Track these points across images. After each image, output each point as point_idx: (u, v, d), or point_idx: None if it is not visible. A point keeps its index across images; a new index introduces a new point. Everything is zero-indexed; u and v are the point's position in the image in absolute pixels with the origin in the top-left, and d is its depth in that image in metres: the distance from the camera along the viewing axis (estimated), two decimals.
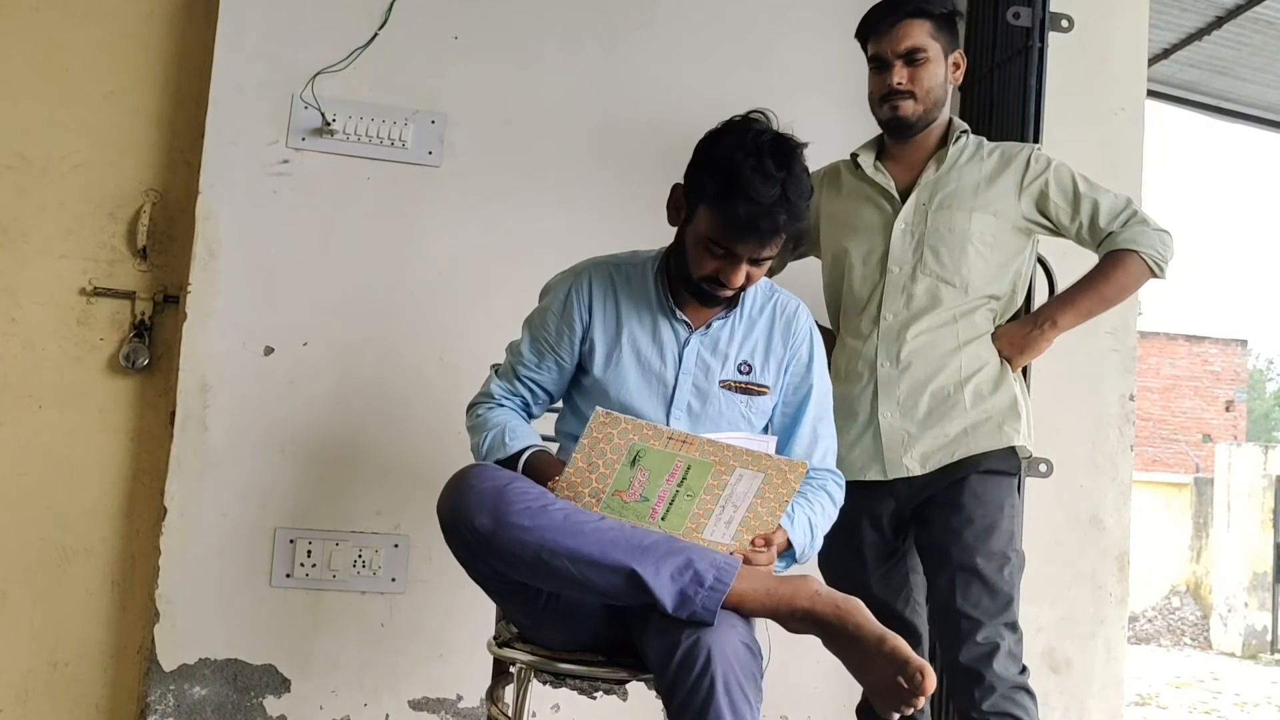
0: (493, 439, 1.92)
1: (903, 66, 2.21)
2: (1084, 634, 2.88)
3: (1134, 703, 7.79)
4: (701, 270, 1.88)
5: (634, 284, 2.01)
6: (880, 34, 2.23)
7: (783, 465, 1.71)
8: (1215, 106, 5.29)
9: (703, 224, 1.85)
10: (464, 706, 2.67)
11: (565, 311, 1.99)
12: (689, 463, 1.69)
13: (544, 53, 2.82)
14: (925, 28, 2.21)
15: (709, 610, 1.62)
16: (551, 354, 2.00)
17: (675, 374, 1.97)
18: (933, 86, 2.23)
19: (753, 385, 2.00)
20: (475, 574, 1.78)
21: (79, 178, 2.70)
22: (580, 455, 1.69)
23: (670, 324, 1.99)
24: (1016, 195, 2.24)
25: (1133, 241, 2.17)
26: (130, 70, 2.74)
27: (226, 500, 2.60)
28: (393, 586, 2.66)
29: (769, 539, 1.80)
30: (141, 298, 2.70)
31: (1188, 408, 18.52)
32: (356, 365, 2.67)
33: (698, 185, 1.86)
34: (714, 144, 1.86)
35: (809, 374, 2.05)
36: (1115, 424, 2.96)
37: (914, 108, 2.22)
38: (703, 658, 1.58)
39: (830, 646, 1.68)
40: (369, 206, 2.71)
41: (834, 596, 1.67)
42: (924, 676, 1.56)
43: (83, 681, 2.65)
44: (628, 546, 1.63)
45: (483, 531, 1.64)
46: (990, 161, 2.28)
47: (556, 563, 1.63)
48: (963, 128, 2.30)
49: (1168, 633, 12.84)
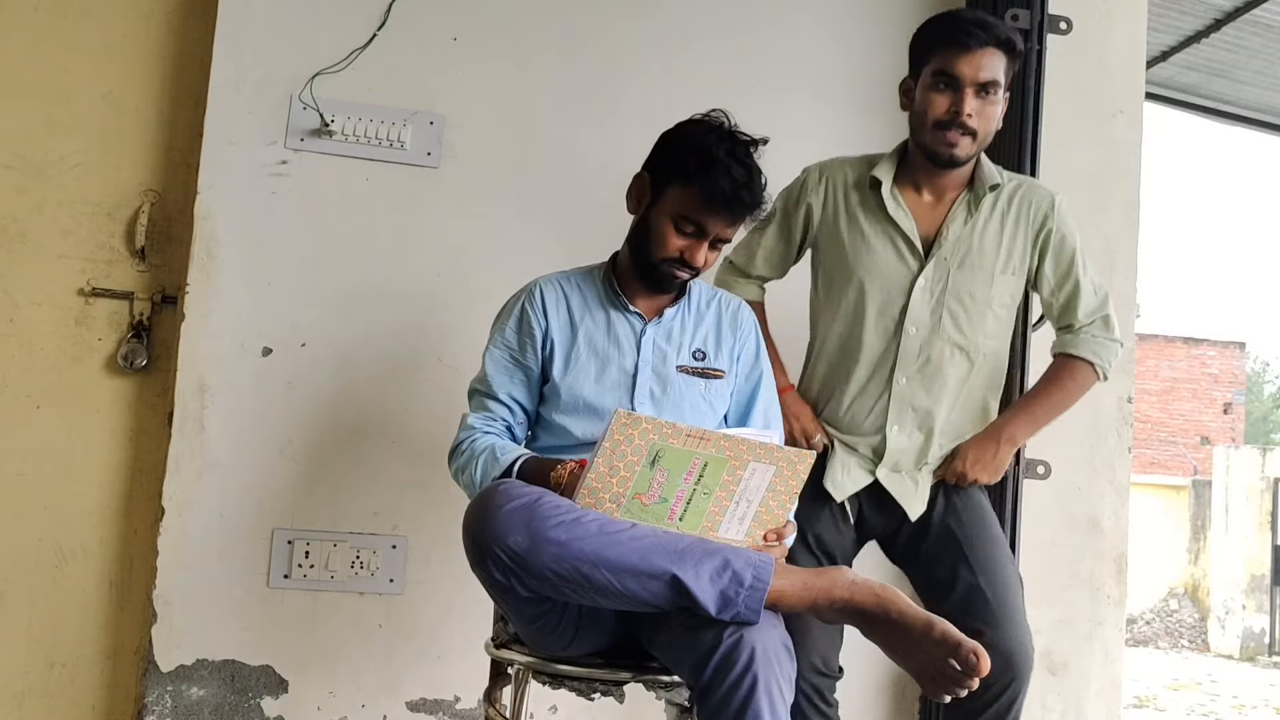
0: (485, 462, 1.90)
1: (974, 97, 2.04)
2: (1082, 636, 2.88)
3: (1132, 705, 7.80)
4: (666, 251, 1.96)
5: (583, 288, 2.09)
6: (959, 52, 2.03)
7: (793, 457, 1.71)
8: (1213, 109, 5.30)
9: (675, 202, 1.95)
10: (461, 708, 2.67)
11: (523, 323, 2.05)
12: (706, 459, 1.67)
13: (543, 54, 2.82)
14: (1004, 63, 2.05)
15: (753, 610, 1.60)
16: (518, 367, 2.04)
17: (635, 362, 2.01)
18: (991, 130, 2.10)
19: (709, 370, 2.06)
20: (511, 597, 1.71)
21: (77, 177, 2.69)
22: (602, 459, 1.65)
23: (624, 316, 2.05)
24: (1032, 250, 2.18)
25: (1094, 354, 2.17)
26: (129, 70, 2.74)
27: (224, 501, 2.60)
28: (390, 588, 2.66)
29: (780, 533, 1.80)
30: (140, 298, 2.70)
31: (1186, 410, 18.54)
32: (355, 366, 2.67)
33: (670, 165, 1.96)
34: (682, 132, 1.99)
35: (758, 362, 2.14)
36: (1113, 426, 2.96)
37: (971, 147, 2.09)
38: (744, 657, 1.57)
39: (871, 634, 1.67)
40: (367, 207, 2.70)
41: (870, 584, 1.66)
42: (979, 658, 1.55)
43: (80, 682, 2.65)
44: (665, 552, 1.61)
45: (519, 550, 1.60)
46: (1013, 211, 2.17)
47: (598, 575, 1.60)
48: (995, 179, 2.17)
49: (1165, 635, 12.86)
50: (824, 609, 1.67)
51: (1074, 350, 2.16)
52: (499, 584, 1.65)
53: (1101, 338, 2.16)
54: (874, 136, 2.97)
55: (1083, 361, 2.15)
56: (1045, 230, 2.17)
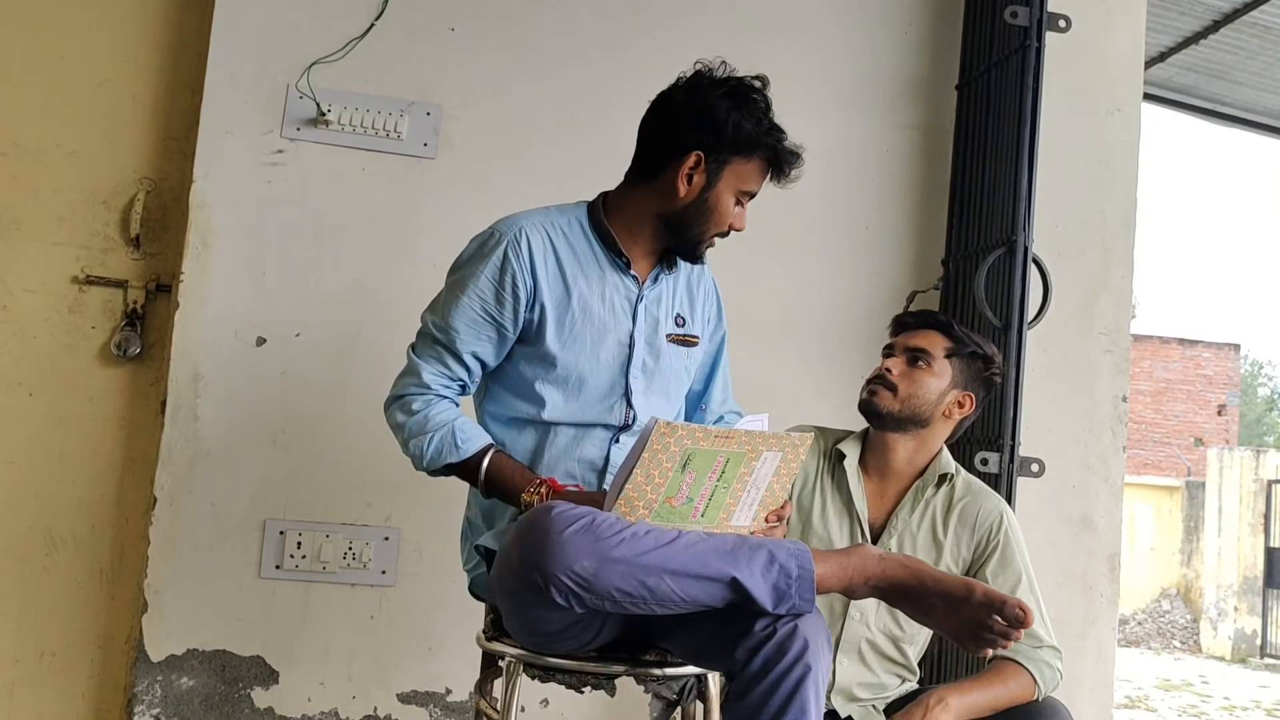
0: (441, 441, 1.84)
1: (901, 360, 2.16)
2: (1074, 634, 2.88)
3: (1123, 705, 7.81)
4: (722, 225, 1.92)
5: (569, 237, 1.94)
6: (900, 328, 2.23)
7: (796, 441, 1.73)
8: (1211, 110, 5.30)
9: (736, 178, 1.89)
10: (453, 700, 2.67)
11: (504, 275, 1.87)
12: (728, 456, 1.68)
13: (540, 45, 2.81)
14: (943, 345, 2.16)
15: (806, 600, 1.61)
16: (490, 322, 1.88)
17: (630, 332, 1.94)
18: (919, 394, 2.12)
19: (689, 337, 2.02)
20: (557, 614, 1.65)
21: (73, 165, 2.69)
22: (640, 470, 1.64)
23: (621, 279, 1.94)
24: (969, 561, 2.15)
25: (1039, 675, 2.02)
26: (125, 58, 2.74)
27: (217, 491, 2.59)
28: (383, 579, 2.65)
29: (780, 513, 1.81)
30: (134, 286, 2.69)
31: (1180, 411, 18.57)
32: (349, 357, 2.67)
33: (724, 142, 1.86)
34: (711, 102, 1.87)
35: (720, 321, 2.13)
36: (1108, 425, 2.96)
37: (889, 401, 2.12)
38: (797, 647, 1.58)
39: (904, 605, 1.70)
40: (363, 197, 2.70)
41: (896, 557, 1.70)
42: (1025, 612, 1.59)
43: (70, 671, 2.64)
44: (720, 555, 1.61)
45: (586, 575, 1.56)
46: (955, 515, 2.15)
47: (663, 587, 1.58)
48: (947, 469, 2.17)
49: (1158, 636, 12.88)
50: (859, 586, 1.69)
51: (1022, 660, 2.03)
52: (557, 605, 1.60)
53: (1054, 664, 2.06)
54: (873, 136, 2.98)
55: (1027, 674, 2.02)
56: (991, 545, 2.14)
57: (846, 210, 2.96)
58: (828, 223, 2.94)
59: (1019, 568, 2.13)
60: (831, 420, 2.36)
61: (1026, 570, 2.14)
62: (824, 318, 2.90)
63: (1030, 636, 2.06)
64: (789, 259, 2.91)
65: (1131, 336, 3.08)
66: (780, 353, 2.86)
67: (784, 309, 2.89)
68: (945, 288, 2.92)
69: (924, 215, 2.99)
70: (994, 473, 2.56)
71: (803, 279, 2.89)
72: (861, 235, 2.96)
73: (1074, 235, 2.99)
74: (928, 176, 3.00)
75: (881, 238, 2.97)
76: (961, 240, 2.88)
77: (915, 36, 3.03)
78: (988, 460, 2.57)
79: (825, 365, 2.87)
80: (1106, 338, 2.99)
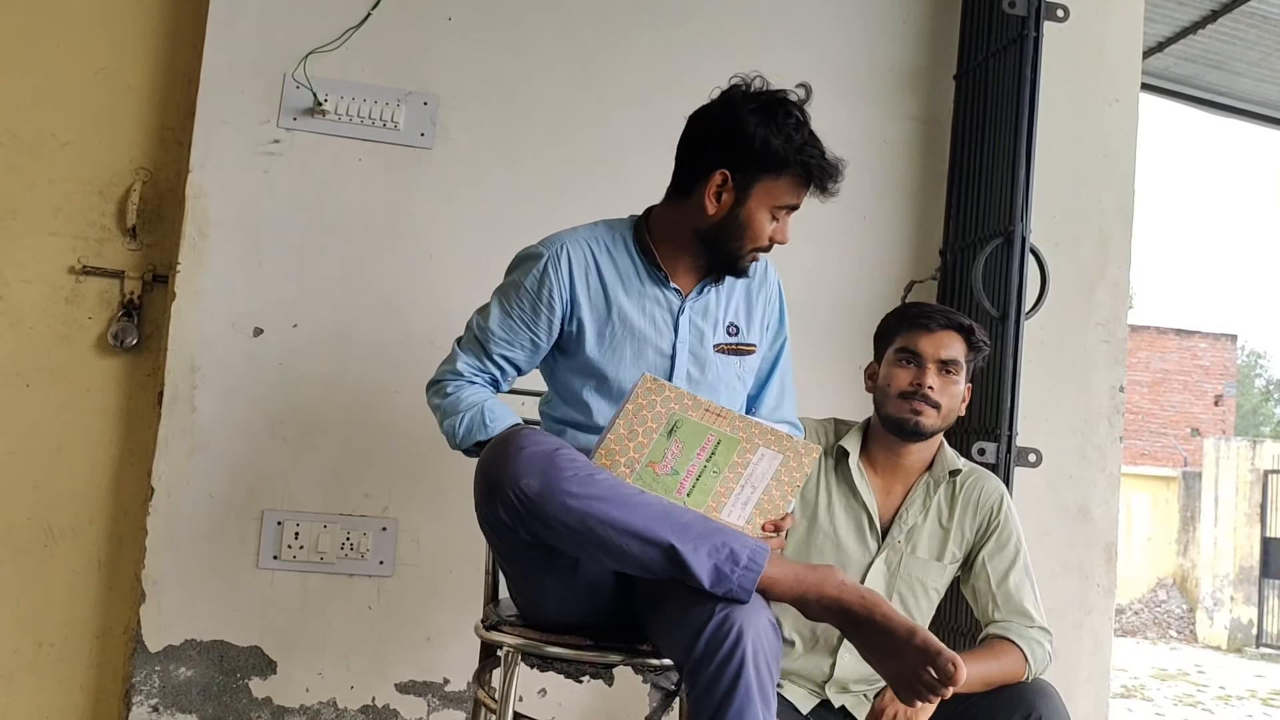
0: (471, 420, 1.89)
1: (937, 373, 2.13)
2: (1071, 624, 2.89)
3: (1119, 694, 7.83)
4: (759, 241, 1.93)
5: (613, 253, 1.99)
6: (920, 332, 2.15)
7: (800, 449, 1.74)
8: (1209, 100, 5.29)
9: (768, 195, 1.90)
10: (451, 690, 2.67)
11: (543, 289, 1.94)
12: (720, 437, 1.70)
13: (538, 35, 2.81)
14: (964, 350, 2.16)
15: (745, 589, 1.63)
16: (526, 331, 1.96)
17: (673, 344, 1.97)
18: (953, 407, 2.16)
19: (742, 345, 2.04)
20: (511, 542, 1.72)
21: (69, 155, 2.68)
22: (623, 421, 1.69)
23: (662, 293, 1.98)
24: (972, 542, 2.17)
25: (1031, 654, 2.02)
26: (122, 47, 2.73)
27: (214, 481, 2.59)
28: (380, 569, 2.65)
29: (779, 525, 1.80)
30: (131, 277, 2.69)
31: (1177, 402, 18.59)
32: (346, 347, 2.66)
33: (752, 160, 1.87)
34: (741, 119, 1.87)
35: (782, 326, 2.14)
36: (1105, 415, 2.97)
37: (935, 420, 2.13)
38: (734, 633, 1.59)
39: (852, 635, 1.70)
40: (360, 188, 2.69)
41: (858, 587, 1.70)
42: (956, 668, 1.58)
43: (68, 662, 2.64)
44: (669, 522, 1.64)
45: (530, 494, 1.63)
46: (960, 499, 2.18)
47: (602, 531, 1.63)
48: (955, 465, 2.19)
49: (1154, 625, 12.92)
50: (812, 603, 1.70)
51: (1014, 638, 2.04)
52: (503, 525, 1.67)
53: (1045, 644, 2.06)
54: (871, 126, 2.98)
55: (1019, 651, 2.02)
56: (992, 527, 2.16)
57: (844, 201, 2.92)
58: (825, 213, 2.91)
59: (1014, 549, 2.15)
60: (829, 411, 2.36)
61: (1021, 551, 2.16)
62: (821, 308, 2.90)
63: (1022, 616, 2.08)
64: (786, 250, 2.89)
65: (1129, 327, 3.09)
66: None
67: None
68: (943, 278, 2.92)
69: (922, 206, 2.99)
70: (991, 463, 2.57)
71: (800, 269, 2.88)
72: (859, 226, 2.96)
73: (1072, 225, 2.99)
74: (925, 167, 3.00)
75: (879, 228, 2.97)
76: (959, 231, 2.88)
77: (913, 26, 3.03)
78: (985, 450, 2.58)
79: (823, 355, 2.87)
80: (1104, 328, 2.99)
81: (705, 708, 1.58)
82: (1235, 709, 8.00)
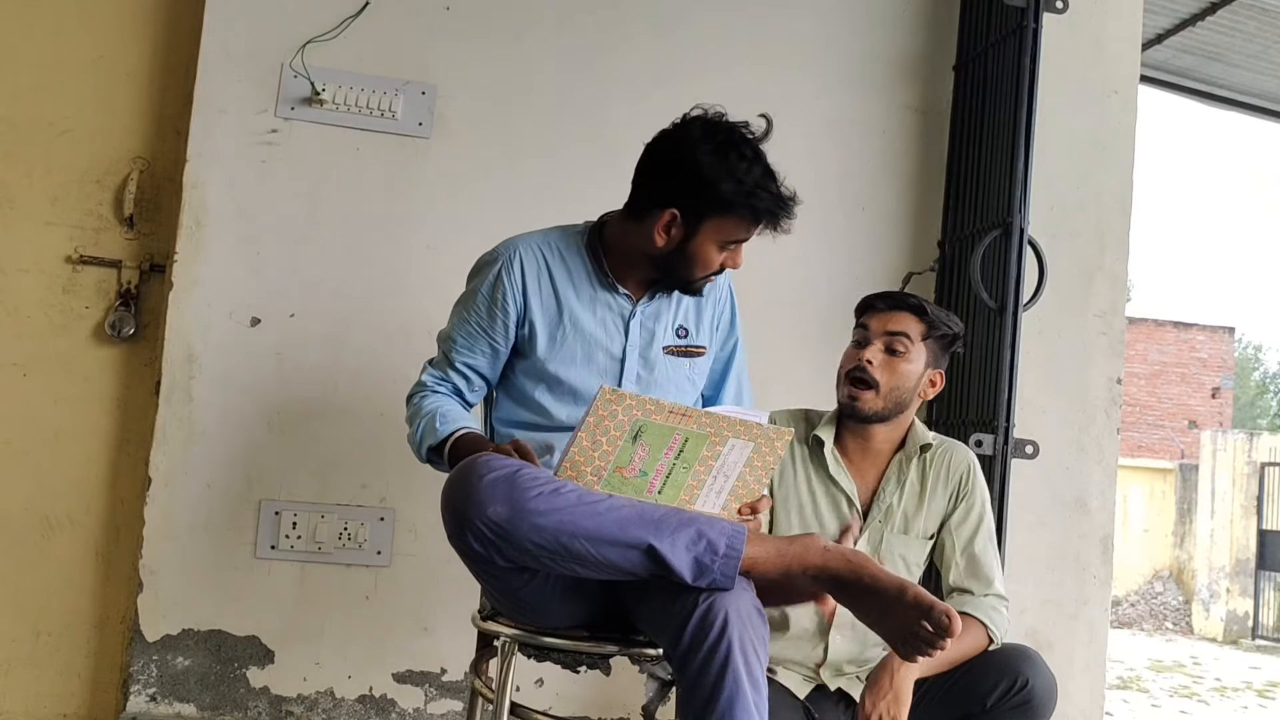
0: (424, 426, 1.91)
1: (880, 349, 2.13)
2: (1067, 615, 2.89)
3: (1115, 685, 7.85)
4: (709, 269, 1.95)
5: (566, 258, 2.01)
6: (871, 312, 2.17)
7: (771, 434, 1.74)
8: (1207, 93, 5.28)
9: (717, 231, 1.90)
10: (448, 680, 2.67)
11: (495, 294, 1.97)
12: (687, 435, 1.70)
13: (537, 25, 2.80)
14: (918, 327, 2.14)
15: (727, 577, 1.63)
16: (484, 337, 1.99)
17: (623, 347, 2.00)
18: (900, 384, 2.13)
19: (691, 348, 2.07)
20: (489, 569, 1.70)
21: (66, 144, 2.67)
22: (585, 434, 1.67)
23: (613, 298, 2.01)
24: (945, 512, 2.18)
25: (990, 621, 2.05)
26: (120, 36, 2.72)
27: (212, 471, 2.59)
28: (378, 559, 2.65)
29: (755, 506, 1.82)
30: (128, 266, 2.68)
31: (1174, 394, 18.60)
32: (344, 338, 2.66)
33: (701, 199, 1.87)
34: (695, 158, 1.86)
35: (733, 328, 2.16)
36: (1102, 407, 2.97)
37: (872, 402, 2.13)
38: (719, 621, 1.59)
39: (843, 599, 1.70)
40: (358, 177, 2.69)
41: (842, 550, 1.70)
42: (950, 619, 1.59)
43: (66, 651, 2.64)
44: (642, 522, 1.63)
45: (499, 521, 1.60)
46: (932, 471, 2.19)
47: (576, 545, 1.61)
48: (926, 440, 2.20)
49: (1150, 617, 12.94)
50: (798, 575, 1.69)
51: (971, 610, 2.06)
52: (478, 555, 1.65)
53: (1001, 609, 2.09)
54: (870, 117, 2.98)
55: (979, 624, 2.05)
56: (962, 495, 2.18)
57: (842, 191, 2.96)
58: (823, 204, 2.93)
59: (978, 515, 2.17)
60: (827, 402, 2.36)
61: (985, 517, 2.17)
62: (820, 299, 2.90)
63: (981, 582, 2.11)
64: (784, 240, 2.87)
65: (1126, 319, 3.09)
66: (776, 334, 2.86)
67: (779, 290, 2.89)
68: (941, 270, 2.92)
69: (920, 197, 2.99)
70: (988, 454, 2.57)
71: (798, 260, 2.89)
72: (858, 216, 2.96)
73: (1070, 217, 2.99)
74: (924, 158, 3.00)
75: (878, 219, 2.97)
76: (958, 222, 2.88)
77: (912, 17, 3.02)
78: (982, 442, 2.58)
79: (821, 346, 2.86)
80: (1101, 320, 2.99)
81: (697, 696, 1.58)
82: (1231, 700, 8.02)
